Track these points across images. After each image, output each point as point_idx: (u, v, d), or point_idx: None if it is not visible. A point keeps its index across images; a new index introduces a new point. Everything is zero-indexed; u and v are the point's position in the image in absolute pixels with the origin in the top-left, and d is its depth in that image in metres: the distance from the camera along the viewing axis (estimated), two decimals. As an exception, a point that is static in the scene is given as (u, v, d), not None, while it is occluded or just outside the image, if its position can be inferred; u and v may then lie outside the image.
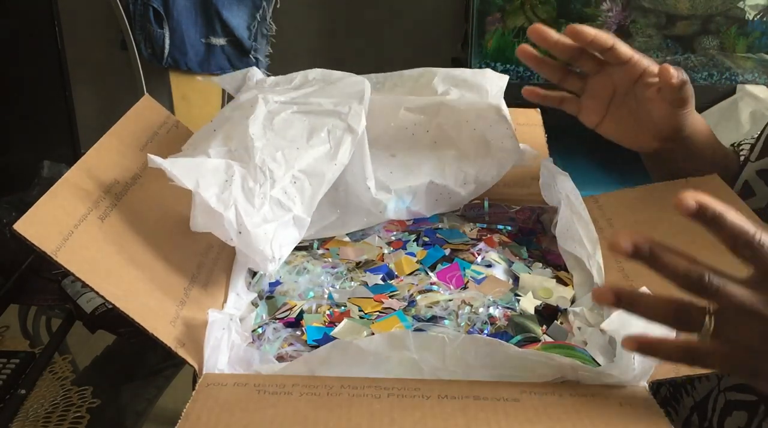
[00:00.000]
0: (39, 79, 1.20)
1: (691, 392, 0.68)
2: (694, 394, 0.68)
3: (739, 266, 0.58)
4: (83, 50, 1.71)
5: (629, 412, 0.47)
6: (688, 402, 0.68)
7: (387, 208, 0.72)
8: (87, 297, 0.93)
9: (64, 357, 0.91)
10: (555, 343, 0.56)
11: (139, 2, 1.60)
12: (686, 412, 0.69)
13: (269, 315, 0.62)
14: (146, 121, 0.71)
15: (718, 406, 0.64)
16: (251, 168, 0.61)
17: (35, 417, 0.80)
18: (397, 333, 0.51)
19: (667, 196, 0.71)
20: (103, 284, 0.51)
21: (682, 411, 0.69)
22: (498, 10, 1.59)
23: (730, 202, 0.66)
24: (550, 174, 0.72)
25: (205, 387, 0.49)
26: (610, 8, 1.56)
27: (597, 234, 0.64)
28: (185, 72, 1.67)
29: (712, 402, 0.65)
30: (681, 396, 0.70)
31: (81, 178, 0.59)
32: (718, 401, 0.64)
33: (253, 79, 0.74)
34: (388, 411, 0.46)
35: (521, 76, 1.61)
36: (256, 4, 1.65)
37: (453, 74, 0.75)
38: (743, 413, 0.61)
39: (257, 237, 0.58)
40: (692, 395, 0.68)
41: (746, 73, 1.58)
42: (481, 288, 0.63)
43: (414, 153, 0.74)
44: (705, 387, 0.66)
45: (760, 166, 0.70)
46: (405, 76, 0.76)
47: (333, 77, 0.72)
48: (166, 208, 0.63)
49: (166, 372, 0.93)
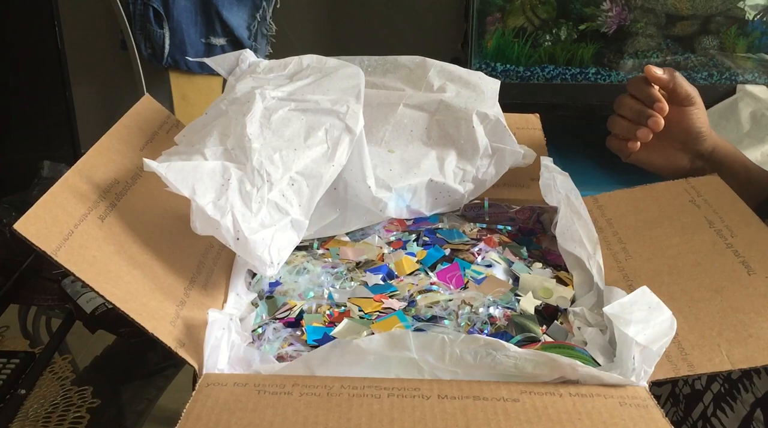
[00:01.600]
0: (39, 80, 1.20)
1: (750, 388, 0.67)
2: (754, 390, 0.66)
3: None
4: (83, 50, 1.71)
5: (629, 412, 0.47)
6: (748, 398, 0.67)
7: (387, 206, 0.72)
8: (87, 297, 0.93)
9: (64, 357, 0.91)
10: (555, 343, 0.56)
11: (139, 2, 1.60)
12: (746, 408, 0.67)
13: (269, 315, 0.62)
14: (146, 121, 0.71)
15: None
16: (248, 170, 0.60)
17: (35, 417, 0.80)
18: (397, 333, 0.51)
19: (667, 196, 0.71)
20: (103, 284, 0.51)
21: (741, 408, 0.68)
22: (498, 10, 1.59)
23: (729, 202, 0.67)
24: (550, 174, 0.72)
25: (205, 387, 0.49)
26: (610, 8, 1.56)
27: (597, 234, 0.64)
28: (185, 72, 1.67)
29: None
30: (738, 393, 0.68)
31: (81, 177, 0.59)
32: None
33: (246, 61, 0.74)
34: (388, 411, 0.46)
35: (521, 76, 1.61)
36: (256, 4, 1.65)
37: (448, 69, 0.76)
38: None
39: (255, 244, 0.58)
40: (752, 391, 0.67)
41: (746, 73, 1.58)
42: (481, 288, 0.63)
43: (412, 150, 0.74)
44: (765, 382, 0.65)
45: None
46: (399, 63, 0.76)
47: (328, 66, 0.72)
48: (166, 208, 0.63)
49: (166, 372, 0.93)
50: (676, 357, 0.52)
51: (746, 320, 0.54)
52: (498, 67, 1.61)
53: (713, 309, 0.56)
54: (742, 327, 0.53)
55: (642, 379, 0.50)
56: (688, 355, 0.52)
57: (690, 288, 0.58)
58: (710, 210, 0.66)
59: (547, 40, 1.59)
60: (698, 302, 0.57)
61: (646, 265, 0.63)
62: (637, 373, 0.50)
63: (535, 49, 1.60)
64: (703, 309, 0.56)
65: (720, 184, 0.69)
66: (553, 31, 1.59)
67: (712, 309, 0.56)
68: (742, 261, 0.59)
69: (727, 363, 0.51)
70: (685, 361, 0.51)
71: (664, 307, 0.52)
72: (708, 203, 0.67)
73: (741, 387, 0.68)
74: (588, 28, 1.58)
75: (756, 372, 0.66)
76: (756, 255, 0.59)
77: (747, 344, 0.52)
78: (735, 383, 0.69)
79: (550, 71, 1.61)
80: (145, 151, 0.68)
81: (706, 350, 0.52)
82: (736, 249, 0.61)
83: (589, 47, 1.58)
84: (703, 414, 0.72)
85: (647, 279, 0.61)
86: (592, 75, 1.59)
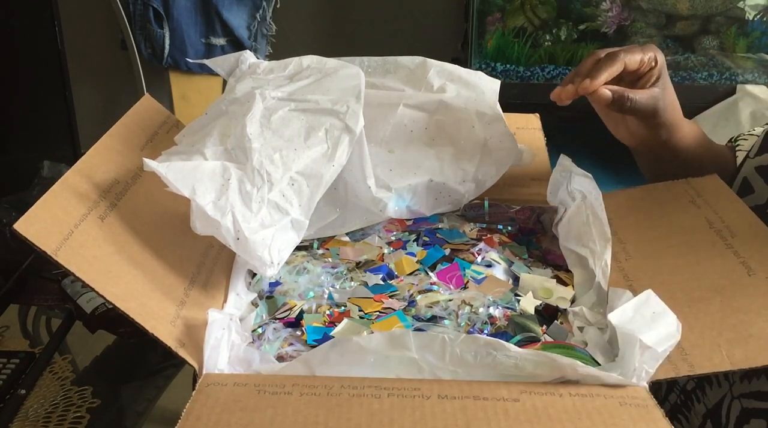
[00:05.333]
0: (39, 79, 1.20)
1: (702, 398, 0.67)
2: (705, 401, 0.67)
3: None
4: (83, 50, 1.71)
5: (629, 412, 0.47)
6: (700, 409, 0.67)
7: (387, 206, 0.72)
8: (87, 297, 0.94)
9: (64, 357, 0.91)
10: (555, 343, 0.56)
11: (139, 2, 1.60)
12: (699, 420, 0.67)
13: (269, 315, 0.62)
14: (146, 121, 0.71)
15: (732, 414, 0.63)
16: (248, 170, 0.61)
17: (35, 417, 0.80)
18: (397, 332, 0.51)
19: (667, 196, 0.71)
20: (103, 284, 0.51)
21: (694, 419, 0.68)
22: (498, 10, 1.60)
23: (729, 202, 0.67)
24: (566, 173, 0.70)
25: (205, 387, 0.49)
26: (610, 8, 1.56)
27: (611, 236, 0.64)
28: (185, 72, 1.67)
29: (725, 409, 0.64)
30: (692, 403, 0.69)
31: (81, 177, 0.59)
32: (732, 408, 0.63)
33: (246, 62, 0.74)
34: (388, 411, 0.46)
35: (521, 76, 1.61)
36: (256, 4, 1.65)
37: (448, 69, 0.76)
38: (762, 421, 0.60)
39: (255, 244, 0.58)
40: (704, 402, 0.67)
41: (746, 73, 1.58)
42: (481, 288, 0.63)
43: (412, 150, 0.74)
44: (716, 393, 0.65)
45: (759, 163, 0.70)
46: (399, 63, 0.76)
47: (328, 66, 0.72)
48: (166, 208, 0.63)
49: (166, 372, 0.93)
50: (676, 357, 0.52)
51: (746, 320, 0.54)
52: (498, 67, 1.61)
53: (713, 309, 0.55)
54: (742, 327, 0.53)
55: (642, 379, 0.50)
56: (688, 355, 0.52)
57: (690, 288, 0.58)
58: (710, 210, 0.66)
59: (547, 40, 1.59)
60: (698, 302, 0.57)
61: (646, 265, 0.63)
62: (637, 373, 0.50)
63: (535, 49, 1.60)
64: (703, 309, 0.56)
65: (720, 184, 0.69)
66: (553, 31, 1.59)
67: (712, 309, 0.56)
68: (742, 261, 0.59)
69: (727, 363, 0.51)
70: (685, 361, 0.51)
71: (669, 312, 0.52)
72: (708, 203, 0.67)
73: (694, 398, 0.68)
74: (588, 28, 1.58)
75: (708, 383, 0.66)
76: (756, 256, 0.59)
77: (747, 344, 0.52)
78: (689, 394, 0.69)
79: (550, 71, 1.61)
80: (145, 151, 0.68)
81: (706, 350, 0.52)
82: (736, 249, 0.61)
83: (589, 47, 1.58)
84: None
85: (647, 279, 0.61)
86: (592, 75, 1.58)
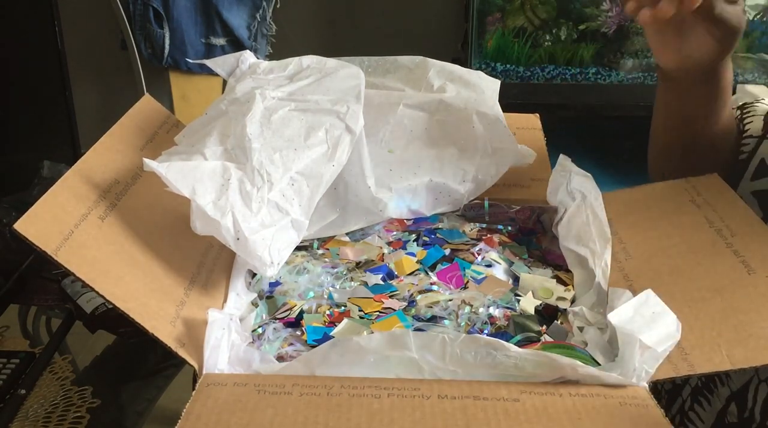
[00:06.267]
0: (39, 80, 1.20)
1: (726, 381, 0.67)
2: (730, 384, 0.66)
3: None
4: (83, 50, 1.71)
5: (629, 412, 0.47)
6: (724, 392, 0.67)
7: (387, 206, 0.72)
8: (87, 297, 0.93)
9: (64, 357, 0.91)
10: (555, 343, 0.56)
11: (139, 2, 1.60)
12: (722, 403, 0.67)
13: (269, 315, 0.62)
14: (146, 121, 0.71)
15: (759, 396, 0.63)
16: (248, 170, 0.61)
17: (35, 417, 0.80)
18: (397, 332, 0.51)
19: (667, 196, 0.71)
20: (103, 284, 0.51)
21: (717, 402, 0.68)
22: (498, 10, 1.60)
23: (729, 202, 0.67)
24: (565, 173, 0.71)
25: (205, 387, 0.49)
26: (610, 8, 1.56)
27: (611, 236, 0.64)
28: (185, 72, 1.67)
29: (752, 392, 0.64)
30: (715, 386, 0.68)
31: (81, 177, 0.59)
32: (759, 391, 0.63)
33: (246, 62, 0.74)
34: (388, 411, 0.46)
35: (521, 76, 1.62)
36: (256, 4, 1.65)
37: (448, 69, 0.76)
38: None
39: (255, 244, 0.58)
40: (728, 385, 0.67)
41: (746, 73, 1.58)
42: (481, 288, 0.63)
43: (412, 150, 0.74)
44: (742, 377, 0.65)
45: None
46: (399, 63, 0.76)
47: (328, 66, 0.72)
48: (166, 208, 0.63)
49: (166, 372, 0.93)
50: (676, 356, 0.52)
51: (746, 320, 0.54)
52: (498, 67, 1.61)
53: (713, 309, 0.55)
54: (742, 327, 0.53)
55: (642, 380, 0.50)
56: (688, 355, 0.52)
57: (690, 288, 0.58)
58: (710, 210, 0.66)
59: (547, 40, 1.59)
60: (698, 302, 0.57)
61: (646, 265, 0.63)
62: (637, 374, 0.50)
63: (535, 49, 1.60)
64: (703, 309, 0.56)
65: (720, 184, 0.69)
66: (553, 31, 1.59)
67: (712, 309, 0.56)
68: (742, 261, 0.59)
69: (727, 363, 0.51)
70: (685, 361, 0.51)
71: (669, 312, 0.52)
72: (708, 203, 0.67)
73: (717, 381, 0.68)
74: (588, 28, 1.58)
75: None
76: (756, 255, 0.59)
77: (747, 344, 0.52)
78: (711, 376, 0.68)
79: (550, 71, 1.61)
80: (145, 151, 0.68)
81: (706, 350, 0.52)
82: (736, 249, 0.61)
83: (589, 47, 1.58)
84: (680, 408, 0.72)
85: (647, 279, 0.61)
86: (592, 75, 1.59)
